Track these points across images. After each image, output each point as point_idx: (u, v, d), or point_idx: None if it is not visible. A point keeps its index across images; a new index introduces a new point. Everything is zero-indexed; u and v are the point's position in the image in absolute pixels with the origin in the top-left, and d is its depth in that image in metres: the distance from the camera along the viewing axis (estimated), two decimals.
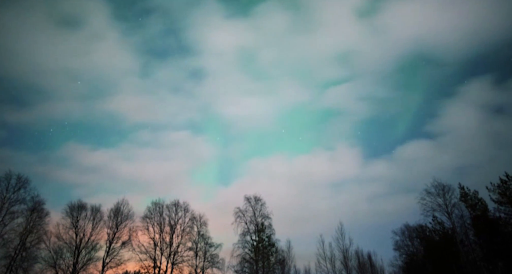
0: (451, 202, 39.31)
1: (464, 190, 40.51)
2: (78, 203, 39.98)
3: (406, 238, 51.11)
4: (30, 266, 34.55)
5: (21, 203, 34.82)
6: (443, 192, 39.80)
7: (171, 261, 40.18)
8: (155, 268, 39.01)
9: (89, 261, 37.36)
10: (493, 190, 37.49)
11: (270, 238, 41.12)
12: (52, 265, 35.56)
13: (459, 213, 39.36)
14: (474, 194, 39.89)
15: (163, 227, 41.91)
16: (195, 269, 41.43)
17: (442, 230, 42.97)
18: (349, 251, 47.06)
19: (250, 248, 40.15)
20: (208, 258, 42.99)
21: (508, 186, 36.46)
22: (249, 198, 43.09)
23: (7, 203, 33.65)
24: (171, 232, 41.96)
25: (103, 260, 37.44)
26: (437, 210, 39.87)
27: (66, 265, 36.14)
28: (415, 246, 49.88)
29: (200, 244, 43.35)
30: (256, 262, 39.04)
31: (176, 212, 43.68)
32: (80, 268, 36.43)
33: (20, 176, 35.33)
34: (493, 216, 37.45)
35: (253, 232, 40.89)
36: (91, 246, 38.09)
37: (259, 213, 42.20)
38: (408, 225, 50.86)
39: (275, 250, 41.56)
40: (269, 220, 41.95)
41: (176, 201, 44.58)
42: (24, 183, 35.30)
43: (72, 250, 36.92)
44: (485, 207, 38.38)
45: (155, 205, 43.06)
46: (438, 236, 43.55)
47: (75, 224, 38.45)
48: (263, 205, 42.68)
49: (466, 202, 39.64)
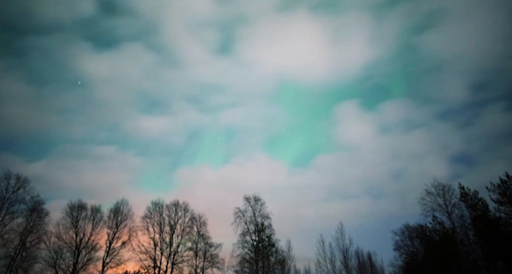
0: (451, 202, 39.32)
1: (464, 190, 40.50)
2: (78, 203, 40.04)
3: (406, 238, 51.18)
4: (30, 266, 34.55)
5: (20, 203, 34.86)
6: (443, 192, 39.80)
7: (171, 261, 40.19)
8: (155, 268, 39.02)
9: (89, 261, 37.38)
10: (493, 190, 37.52)
11: (270, 238, 41.10)
12: (52, 265, 35.56)
13: (459, 213, 39.35)
14: (474, 194, 39.89)
15: (163, 227, 41.94)
16: (195, 269, 41.44)
17: (442, 230, 42.93)
18: (349, 251, 47.14)
19: (250, 248, 40.14)
20: (208, 258, 42.99)
21: (508, 186, 36.46)
22: (249, 198, 43.07)
23: (7, 203, 33.66)
24: (171, 232, 41.97)
25: (103, 260, 37.45)
26: (437, 210, 39.90)
27: (66, 265, 36.16)
28: (415, 246, 49.89)
29: (200, 244, 43.39)
30: (256, 262, 39.02)
31: (176, 212, 43.72)
32: (80, 268, 36.43)
33: (19, 176, 35.37)
34: (493, 216, 37.45)
35: (253, 232, 40.87)
36: (91, 246, 38.09)
37: (259, 213, 42.20)
38: (408, 225, 50.97)
39: (275, 250, 41.57)
40: (269, 220, 41.98)
41: (176, 201, 44.69)
42: (24, 183, 35.31)
43: (72, 250, 36.91)
44: (486, 207, 38.39)
45: (155, 205, 43.11)
46: (438, 236, 43.52)
47: (75, 224, 38.46)
48: (262, 205, 42.70)
49: (466, 202, 39.63)
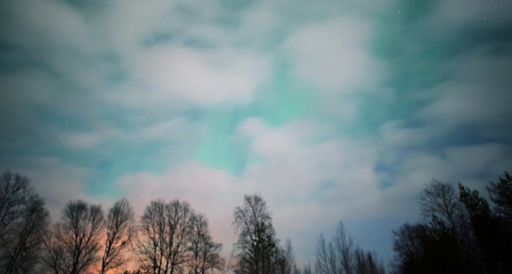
0: (451, 202, 39.34)
1: (464, 190, 40.53)
2: (78, 203, 40.04)
3: (406, 238, 51.15)
4: (30, 266, 34.49)
5: (20, 203, 34.83)
6: (443, 192, 39.84)
7: (171, 261, 40.16)
8: (155, 268, 38.99)
9: (89, 261, 37.39)
10: (493, 190, 37.56)
11: (270, 238, 41.04)
12: (52, 265, 35.53)
13: (459, 213, 39.37)
14: (474, 194, 39.91)
15: (163, 227, 41.90)
16: (195, 269, 41.41)
17: (442, 230, 42.93)
18: (349, 251, 47.06)
19: (250, 248, 40.11)
20: (208, 258, 42.96)
21: (508, 186, 36.51)
22: (249, 198, 42.98)
23: (7, 203, 33.64)
24: (171, 232, 41.93)
25: (103, 260, 37.43)
26: (437, 210, 39.94)
27: (66, 265, 36.13)
28: (415, 246, 49.86)
29: (200, 244, 43.34)
30: (256, 262, 39.00)
31: (176, 212, 43.69)
32: (80, 268, 36.41)
33: (18, 176, 35.33)
34: (493, 216, 37.48)
35: (253, 232, 40.84)
36: (91, 246, 38.10)
37: (259, 213, 42.13)
38: (408, 225, 50.95)
39: (275, 250, 41.52)
40: (269, 220, 41.88)
41: (176, 201, 44.66)
42: (23, 183, 35.28)
43: (72, 250, 36.89)
44: (486, 207, 38.41)
45: (155, 205, 43.08)
46: (438, 236, 43.50)
47: (75, 224, 38.44)
48: (263, 205, 42.59)
49: (466, 202, 39.64)
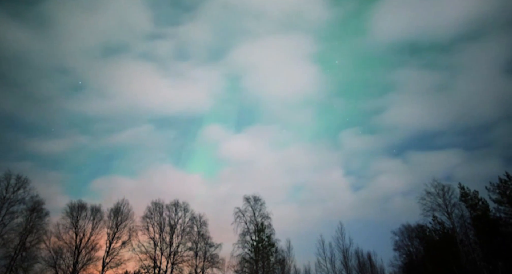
0: (451, 202, 39.27)
1: (464, 190, 40.46)
2: (78, 203, 40.06)
3: (406, 238, 51.16)
4: (30, 266, 34.52)
5: (20, 203, 34.85)
6: (443, 192, 39.76)
7: (171, 261, 40.18)
8: (155, 268, 39.01)
9: (89, 261, 37.38)
10: (493, 190, 37.52)
11: (270, 238, 41.05)
12: (52, 265, 35.54)
13: (459, 213, 39.30)
14: (474, 194, 39.85)
15: (163, 227, 41.92)
16: (195, 269, 41.43)
17: (442, 230, 42.88)
18: (349, 251, 47.16)
19: (250, 248, 40.13)
20: (208, 258, 42.98)
21: (508, 186, 36.46)
22: (249, 198, 43.02)
23: (7, 203, 33.65)
24: (171, 232, 41.95)
25: (103, 260, 37.44)
26: (437, 210, 39.85)
27: (66, 265, 36.14)
28: (415, 246, 49.88)
29: (200, 244, 43.35)
30: (256, 262, 39.01)
31: (176, 212, 43.73)
32: (80, 268, 36.43)
33: (19, 176, 35.38)
34: (494, 216, 37.43)
35: (253, 232, 40.86)
36: (91, 246, 38.10)
37: (259, 213, 42.17)
38: (407, 225, 50.96)
39: (275, 250, 41.54)
40: (268, 220, 41.92)
41: (176, 201, 44.68)
42: (24, 183, 35.32)
43: (72, 250, 36.90)
44: (486, 207, 38.35)
45: (155, 205, 43.10)
46: (438, 236, 43.47)
47: (75, 224, 38.45)
48: (262, 205, 42.65)
49: (466, 202, 39.57)
